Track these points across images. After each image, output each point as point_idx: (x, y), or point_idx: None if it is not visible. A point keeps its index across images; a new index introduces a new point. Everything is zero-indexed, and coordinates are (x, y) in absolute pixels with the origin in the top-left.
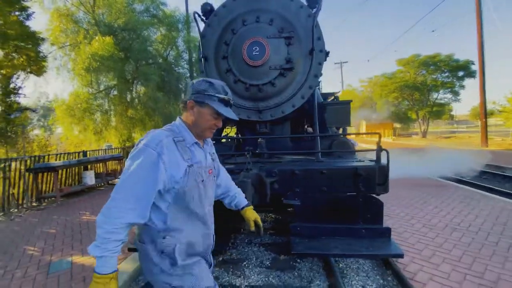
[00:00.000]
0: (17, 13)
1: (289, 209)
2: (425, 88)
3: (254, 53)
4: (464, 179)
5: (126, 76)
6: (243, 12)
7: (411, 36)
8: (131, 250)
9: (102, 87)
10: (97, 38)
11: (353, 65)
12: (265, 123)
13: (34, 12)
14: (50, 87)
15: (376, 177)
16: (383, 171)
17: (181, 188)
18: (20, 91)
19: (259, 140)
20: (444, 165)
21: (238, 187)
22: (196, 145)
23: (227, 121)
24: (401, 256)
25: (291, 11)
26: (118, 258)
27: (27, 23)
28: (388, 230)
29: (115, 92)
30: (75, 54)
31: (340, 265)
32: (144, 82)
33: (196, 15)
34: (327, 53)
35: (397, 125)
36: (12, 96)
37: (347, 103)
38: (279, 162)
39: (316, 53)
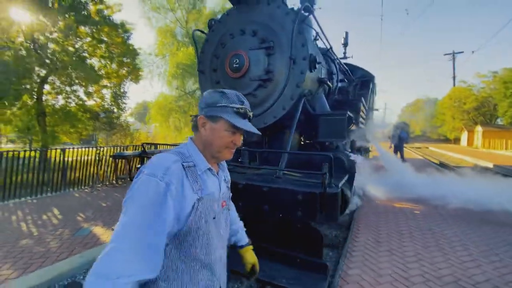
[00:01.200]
0: (121, 35)
1: None
2: None
3: (234, 66)
4: None
5: None
6: (232, 26)
7: None
8: None
9: (188, 91)
10: (182, 49)
11: (464, 56)
12: (248, 133)
13: (132, 34)
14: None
15: (318, 204)
16: (328, 198)
17: (185, 228)
18: (126, 95)
19: (242, 149)
20: None
21: None
22: (209, 172)
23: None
24: None
25: (276, 19)
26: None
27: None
28: (324, 267)
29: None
30: (169, 63)
31: None
32: None
33: (197, 32)
34: (313, 60)
35: None
36: (121, 98)
37: (343, 114)
38: (243, 173)
39: (299, 61)
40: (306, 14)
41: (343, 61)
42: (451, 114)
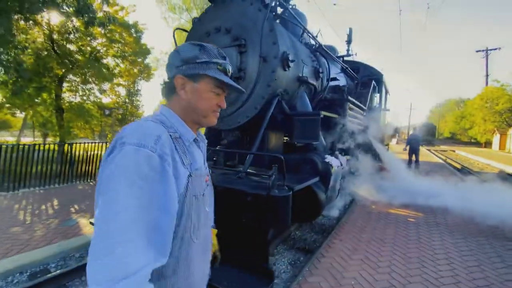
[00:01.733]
0: (134, 35)
1: None
2: None
3: None
4: None
5: None
6: (209, 23)
7: None
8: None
9: None
10: None
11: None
12: (225, 131)
13: (144, 33)
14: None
15: (265, 207)
16: (275, 201)
17: (179, 210)
18: (139, 93)
19: (218, 148)
20: None
21: None
22: (195, 144)
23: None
24: None
25: (249, 16)
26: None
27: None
28: (269, 274)
29: None
30: None
31: None
32: None
33: (177, 31)
34: (285, 59)
35: None
36: (134, 96)
37: (316, 114)
38: (212, 173)
39: (270, 59)
40: (282, 10)
41: (347, 58)
42: (481, 116)
